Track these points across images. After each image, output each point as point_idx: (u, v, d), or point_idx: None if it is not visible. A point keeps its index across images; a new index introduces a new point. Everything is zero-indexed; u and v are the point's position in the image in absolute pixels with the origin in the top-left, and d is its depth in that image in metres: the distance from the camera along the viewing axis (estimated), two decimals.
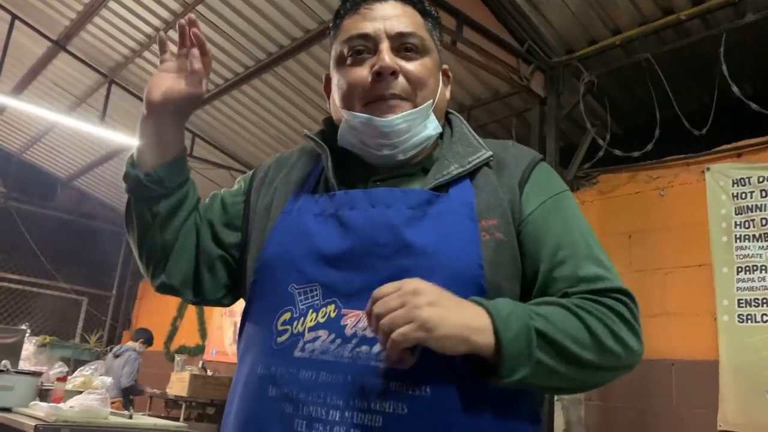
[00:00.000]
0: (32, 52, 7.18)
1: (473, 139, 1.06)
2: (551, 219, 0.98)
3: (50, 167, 10.06)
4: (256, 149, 7.48)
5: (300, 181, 1.08)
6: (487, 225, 0.94)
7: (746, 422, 3.79)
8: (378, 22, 1.02)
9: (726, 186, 4.18)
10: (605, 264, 0.97)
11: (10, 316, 9.67)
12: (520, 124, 5.40)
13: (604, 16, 4.45)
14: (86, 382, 3.80)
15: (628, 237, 4.62)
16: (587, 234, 1.00)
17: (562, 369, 0.85)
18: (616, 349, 0.88)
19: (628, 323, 0.90)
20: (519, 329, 0.82)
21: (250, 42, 5.83)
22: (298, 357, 0.90)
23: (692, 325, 4.17)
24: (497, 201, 0.97)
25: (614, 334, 0.88)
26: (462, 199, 0.96)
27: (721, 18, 4.14)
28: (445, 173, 0.99)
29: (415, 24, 1.04)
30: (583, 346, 0.86)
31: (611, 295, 0.91)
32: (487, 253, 0.92)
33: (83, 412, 3.14)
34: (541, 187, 1.01)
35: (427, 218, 0.94)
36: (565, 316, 0.86)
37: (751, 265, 3.98)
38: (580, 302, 0.89)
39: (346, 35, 1.03)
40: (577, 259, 0.94)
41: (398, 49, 1.01)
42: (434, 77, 1.05)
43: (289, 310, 0.94)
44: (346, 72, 1.03)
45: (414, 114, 1.00)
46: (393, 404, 0.84)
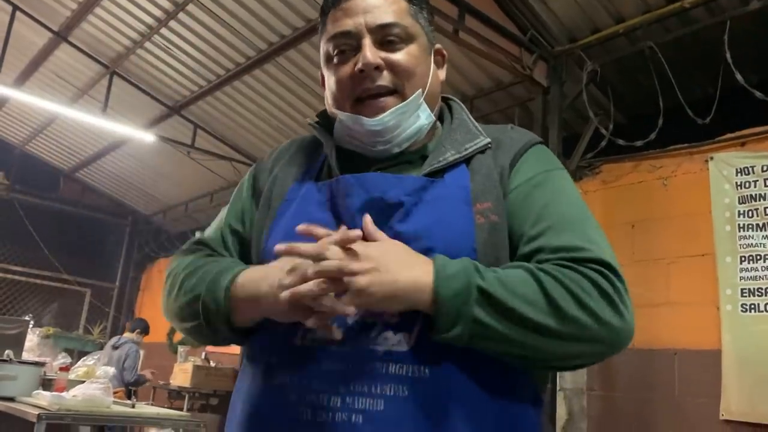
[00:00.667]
0: (34, 43, 7.16)
1: (472, 126, 1.06)
2: (537, 192, 0.97)
3: (53, 159, 10.06)
4: (257, 140, 7.47)
5: (302, 169, 1.08)
6: (482, 208, 0.94)
7: (749, 412, 3.79)
8: (359, 17, 1.01)
9: (729, 175, 4.16)
10: (592, 237, 0.92)
11: (13, 308, 9.70)
12: (522, 114, 5.38)
13: (607, 5, 4.42)
14: (89, 372, 3.82)
15: (632, 227, 4.61)
16: (577, 208, 0.97)
17: (507, 330, 0.83)
18: (580, 317, 0.83)
19: (604, 294, 0.85)
20: (459, 287, 0.82)
21: (251, 32, 5.81)
22: (298, 345, 0.91)
23: (695, 314, 4.16)
24: (492, 183, 0.97)
25: (580, 302, 0.83)
26: (458, 184, 0.97)
27: (726, 6, 4.11)
28: (441, 159, 0.99)
29: (397, 12, 1.02)
30: (535, 309, 0.82)
31: (589, 264, 0.87)
32: (481, 236, 0.92)
33: (86, 402, 3.16)
34: (531, 164, 1.00)
35: (422, 204, 0.94)
36: (523, 278, 0.84)
37: (754, 255, 3.97)
38: (548, 267, 0.86)
39: (330, 33, 1.03)
40: (558, 231, 0.92)
41: (381, 42, 1.00)
42: (423, 63, 1.04)
43: None
44: (334, 71, 1.03)
45: (402, 108, 1.00)
46: (393, 387, 0.85)
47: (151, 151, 8.13)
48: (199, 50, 6.34)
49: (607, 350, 0.87)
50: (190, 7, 5.77)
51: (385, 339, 0.87)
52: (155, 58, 6.75)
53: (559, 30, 4.75)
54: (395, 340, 0.87)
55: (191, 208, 9.36)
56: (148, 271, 11.00)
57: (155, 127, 7.66)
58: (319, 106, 6.11)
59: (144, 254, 10.78)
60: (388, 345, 0.87)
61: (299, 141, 1.17)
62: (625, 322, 0.86)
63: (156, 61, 6.78)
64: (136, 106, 7.60)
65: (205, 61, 6.46)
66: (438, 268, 0.84)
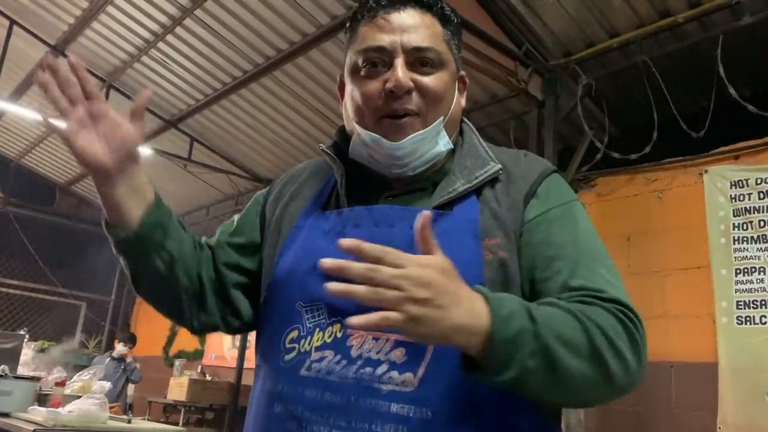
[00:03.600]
0: (30, 57, 7.18)
1: (482, 151, 1.04)
2: (553, 228, 0.94)
3: (49, 172, 10.05)
4: (254, 153, 7.48)
5: (312, 196, 1.07)
6: (490, 244, 0.92)
7: (745, 424, 3.79)
8: (395, 35, 0.99)
9: (724, 188, 4.19)
10: (610, 278, 0.90)
11: (9, 322, 9.65)
12: (518, 127, 5.41)
13: (601, 19, 4.46)
14: (85, 387, 3.79)
15: (627, 239, 4.63)
16: (593, 246, 0.95)
17: (550, 378, 0.79)
18: (616, 370, 0.81)
19: (632, 339, 0.83)
20: (516, 332, 0.78)
21: (249, 46, 5.84)
22: (304, 376, 0.91)
23: (691, 327, 4.17)
24: (501, 218, 0.94)
25: (618, 353, 0.81)
26: (466, 217, 0.95)
27: (718, 20, 4.15)
28: (451, 190, 0.97)
29: (432, 36, 1.01)
30: (579, 359, 0.79)
31: (617, 306, 0.84)
32: (489, 273, 0.90)
33: (82, 417, 3.14)
34: (546, 197, 0.98)
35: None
36: (567, 321, 0.81)
37: (749, 267, 3.99)
38: (584, 308, 0.83)
39: (362, 45, 1.01)
40: (577, 270, 0.89)
41: (414, 63, 0.99)
42: (450, 90, 1.03)
43: (296, 328, 0.95)
44: (360, 84, 1.01)
45: (423, 134, 0.99)
46: (394, 427, 0.84)
47: (147, 164, 8.01)
48: (195, 64, 6.36)
49: (624, 393, 0.86)
50: (187, 21, 5.81)
51: (390, 378, 0.86)
52: (152, 71, 6.77)
53: (553, 44, 4.79)
54: (399, 380, 0.86)
55: (187, 221, 9.35)
56: None
57: (152, 141, 7.67)
58: (317, 120, 6.14)
59: None
60: (393, 384, 0.86)
61: (312, 166, 1.15)
62: (642, 366, 0.85)
63: (153, 74, 6.81)
64: None
65: (202, 74, 6.48)
66: (494, 308, 0.78)
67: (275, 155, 7.42)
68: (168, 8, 5.76)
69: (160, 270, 1.01)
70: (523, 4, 4.55)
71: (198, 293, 1.05)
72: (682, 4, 4.15)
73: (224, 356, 8.24)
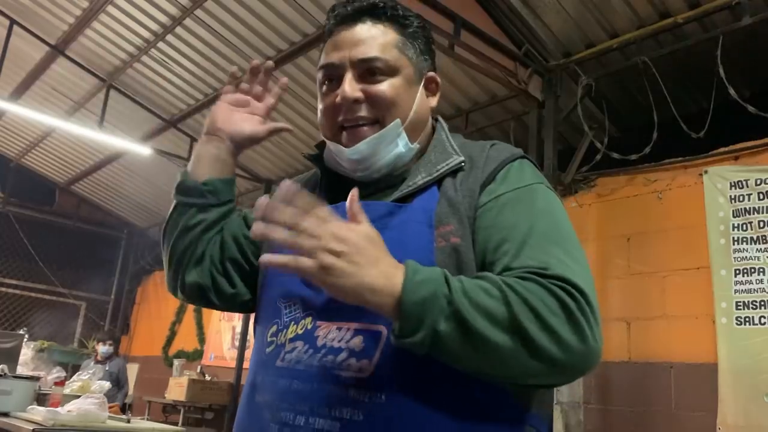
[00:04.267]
0: (31, 56, 7.18)
1: (448, 146, 1.07)
2: (504, 211, 0.94)
3: (49, 172, 10.05)
4: (254, 154, 7.48)
5: None
6: (444, 231, 0.95)
7: (745, 425, 3.79)
8: (344, 51, 1.05)
9: (724, 188, 4.19)
10: (563, 260, 0.87)
11: (8, 321, 9.65)
12: (518, 128, 5.41)
13: (601, 20, 4.46)
14: (84, 387, 3.79)
15: (627, 240, 4.63)
16: (548, 226, 0.93)
17: (466, 345, 0.80)
18: (541, 340, 0.79)
19: (571, 316, 0.81)
20: (426, 295, 0.79)
21: (249, 46, 5.84)
22: (278, 366, 0.96)
23: (691, 327, 4.17)
24: (456, 206, 0.97)
25: (543, 323, 0.79)
26: (424, 207, 0.98)
27: (718, 21, 4.15)
28: (411, 184, 1.01)
29: (383, 45, 1.05)
30: (497, 327, 0.79)
31: (556, 282, 0.83)
32: (440, 259, 0.92)
33: (81, 417, 3.14)
34: (503, 182, 0.98)
35: (387, 230, 0.94)
36: (488, 290, 0.81)
37: (749, 268, 3.99)
38: (513, 281, 0.83)
39: (321, 63, 1.09)
40: (525, 250, 0.88)
41: (363, 75, 1.04)
42: (406, 94, 1.06)
43: (276, 322, 1.01)
44: (322, 99, 1.08)
45: (377, 139, 1.03)
46: (350, 411, 0.88)
47: (147, 164, 8.14)
48: (195, 64, 6.36)
49: (567, 373, 0.84)
50: (187, 21, 5.81)
51: (349, 365, 0.90)
52: (152, 71, 6.78)
53: (553, 44, 4.79)
54: (356, 367, 0.89)
55: None
56: (143, 284, 10.96)
57: (151, 141, 7.67)
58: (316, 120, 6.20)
59: (139, 267, 10.75)
60: (351, 371, 0.89)
61: (310, 174, 1.23)
62: (587, 347, 0.81)
63: (153, 74, 6.81)
64: (133, 120, 7.61)
65: (202, 74, 6.49)
66: (408, 273, 0.82)
67: (275, 156, 7.42)
68: (168, 8, 5.77)
69: (190, 223, 1.15)
70: (523, 5, 4.55)
71: (198, 259, 1.15)
72: (682, 4, 4.16)
73: (224, 356, 8.24)
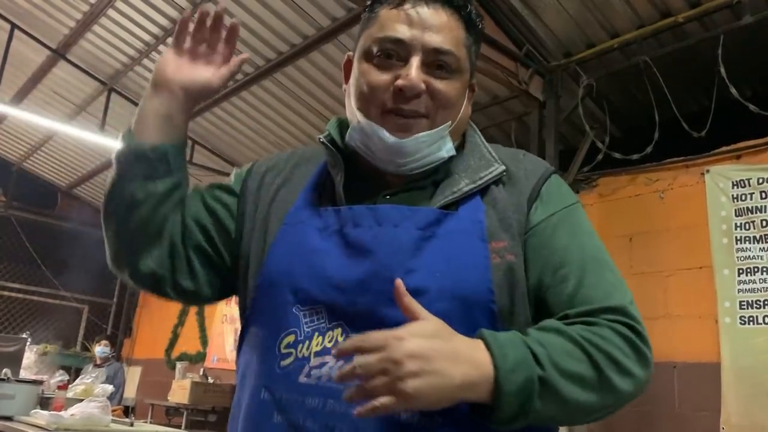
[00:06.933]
0: (32, 60, 7.19)
1: (486, 152, 1.01)
2: (557, 233, 0.94)
3: (50, 176, 10.06)
4: (255, 155, 7.48)
5: (303, 191, 1.02)
6: (498, 247, 0.90)
7: (749, 424, 3.78)
8: (417, 30, 0.94)
9: (726, 188, 4.18)
10: (612, 281, 0.92)
11: (11, 325, 9.66)
12: (519, 128, 5.41)
13: (602, 20, 4.46)
14: (87, 390, 3.79)
15: (629, 240, 4.62)
16: (596, 249, 0.95)
17: (561, 413, 0.82)
18: (625, 386, 0.83)
19: (638, 351, 0.86)
20: (522, 382, 0.77)
21: (249, 49, 5.84)
22: (303, 383, 0.87)
23: (694, 327, 4.16)
24: (507, 221, 0.93)
25: (624, 370, 0.83)
26: (472, 218, 0.92)
27: (719, 20, 4.15)
28: (455, 190, 0.94)
29: (455, 40, 0.96)
30: (588, 390, 0.81)
31: (621, 320, 0.86)
32: (497, 276, 0.88)
33: (84, 420, 3.14)
34: (550, 200, 0.97)
35: (436, 239, 0.90)
36: (571, 352, 0.81)
37: (752, 267, 3.98)
38: (589, 332, 0.84)
39: (380, 33, 0.96)
40: (581, 277, 0.90)
41: (430, 65, 0.94)
42: (461, 98, 1.00)
43: (293, 332, 0.90)
44: (370, 72, 0.96)
45: (428, 136, 0.95)
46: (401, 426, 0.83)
47: None
48: None
49: (638, 395, 0.88)
50: None
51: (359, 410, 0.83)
52: None
53: (554, 45, 4.79)
54: None
55: None
56: None
57: None
58: (318, 122, 6.13)
59: None
60: None
61: (299, 155, 1.09)
62: (650, 370, 0.88)
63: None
64: None
65: None
66: (498, 360, 0.77)
67: None
68: (169, 11, 5.77)
69: (136, 197, 0.99)
70: (524, 5, 4.55)
71: (150, 240, 1.01)
72: (683, 4, 4.15)
73: (226, 359, 8.24)
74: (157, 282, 1.03)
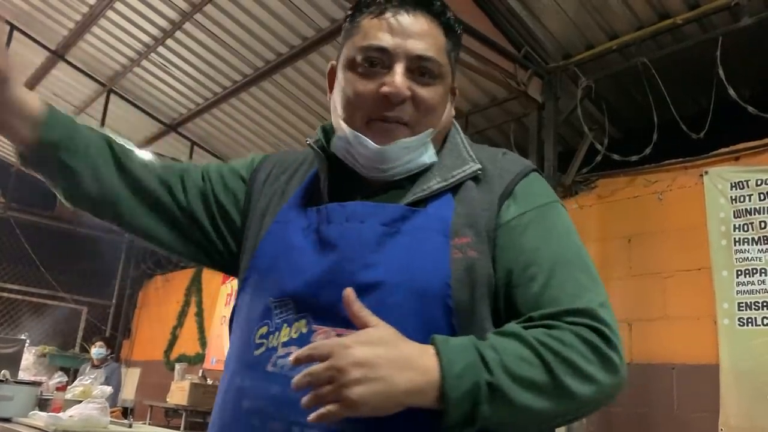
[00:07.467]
0: (31, 62, 7.18)
1: (464, 151, 1.02)
2: (528, 231, 0.93)
3: None
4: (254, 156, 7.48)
5: (296, 190, 1.07)
6: (460, 243, 0.91)
7: (748, 426, 3.78)
8: (400, 38, 0.96)
9: (724, 189, 4.19)
10: (584, 283, 0.89)
11: (10, 326, 9.65)
12: (518, 130, 5.41)
13: (600, 21, 4.47)
14: (86, 392, 3.79)
15: (628, 241, 4.62)
16: (569, 248, 0.94)
17: (513, 418, 0.80)
18: (585, 391, 0.81)
19: (600, 354, 0.83)
20: (469, 388, 0.77)
21: (248, 50, 5.85)
22: (270, 371, 0.91)
23: (693, 328, 4.16)
24: (474, 218, 0.93)
25: (583, 374, 0.81)
26: (438, 215, 0.94)
27: (718, 22, 4.15)
28: (425, 188, 0.96)
29: (436, 46, 0.99)
30: (542, 395, 0.79)
31: (586, 322, 0.84)
32: (456, 271, 0.88)
33: (83, 422, 3.14)
34: (523, 199, 0.96)
35: (400, 234, 0.92)
36: (526, 358, 0.80)
37: (750, 269, 3.98)
38: (547, 336, 0.82)
39: (364, 42, 0.98)
40: (549, 277, 0.88)
41: (413, 71, 0.97)
42: (444, 103, 1.02)
43: (266, 323, 0.95)
44: (354, 81, 0.98)
45: (410, 143, 0.97)
46: (349, 425, 0.83)
47: None
48: (195, 68, 6.37)
49: (602, 406, 0.86)
50: (187, 25, 5.81)
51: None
52: (152, 76, 6.78)
53: (553, 46, 4.79)
54: None
55: None
56: (144, 288, 10.96)
57: (152, 145, 7.68)
58: (316, 123, 6.14)
59: (141, 271, 10.75)
60: None
61: (307, 154, 1.13)
62: (619, 377, 0.85)
63: (153, 79, 6.81)
64: (133, 124, 7.62)
65: (202, 78, 6.49)
66: (445, 366, 0.78)
67: None
68: (168, 12, 5.77)
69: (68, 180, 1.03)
70: (522, 7, 4.56)
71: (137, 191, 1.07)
72: (682, 5, 4.16)
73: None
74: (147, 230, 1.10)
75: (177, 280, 9.87)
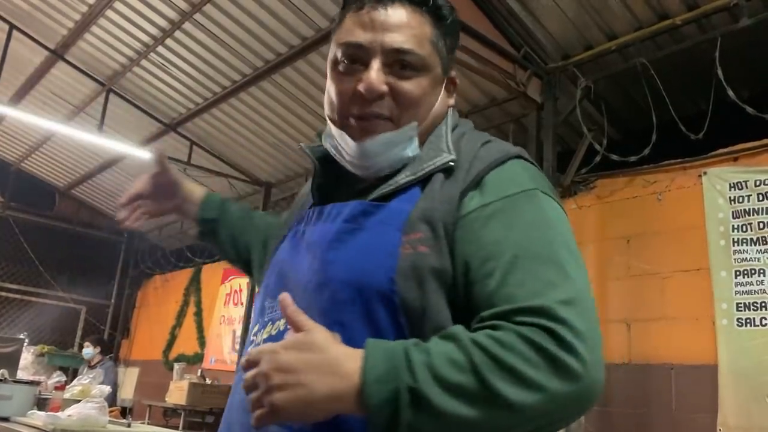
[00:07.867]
0: (30, 61, 7.19)
1: (443, 142, 0.97)
2: (490, 223, 0.86)
3: (48, 176, 10.05)
4: (254, 156, 7.49)
5: (303, 197, 1.14)
6: (412, 238, 0.87)
7: (746, 426, 3.79)
8: (377, 33, 0.95)
9: (723, 190, 4.19)
10: (550, 279, 0.80)
11: (8, 326, 9.65)
12: (517, 130, 5.41)
13: (600, 22, 4.47)
14: (84, 391, 3.79)
15: (627, 241, 4.63)
16: (537, 240, 0.85)
17: (444, 427, 0.74)
18: (518, 398, 0.72)
19: (554, 360, 0.73)
20: (388, 394, 0.73)
21: (248, 50, 5.85)
22: None
23: (691, 329, 4.17)
24: (430, 212, 0.89)
25: (522, 378, 0.72)
26: (399, 209, 0.90)
27: (717, 23, 4.16)
28: (392, 183, 0.94)
29: (417, 38, 0.96)
30: (472, 404, 0.72)
31: (534, 321, 0.76)
32: (403, 267, 0.85)
33: (81, 421, 3.14)
34: (491, 189, 0.90)
35: (361, 231, 0.91)
36: (456, 362, 0.74)
37: (749, 269, 3.99)
38: (486, 336, 0.75)
39: (343, 39, 0.97)
40: (506, 272, 0.81)
41: (392, 65, 0.95)
42: (430, 95, 0.99)
43: (258, 322, 1.01)
44: (336, 79, 0.98)
45: (391, 137, 0.95)
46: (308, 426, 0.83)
47: (147, 168, 8.11)
48: (195, 68, 6.37)
49: (567, 416, 0.77)
50: (187, 25, 5.82)
51: None
52: (151, 75, 6.78)
53: (552, 47, 4.80)
54: None
55: (187, 225, 9.34)
56: (143, 288, 10.96)
57: (151, 144, 7.67)
58: (316, 123, 6.15)
59: (139, 271, 10.75)
60: None
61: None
62: (580, 384, 0.74)
63: (152, 78, 6.81)
64: (132, 124, 7.62)
65: (202, 78, 6.49)
66: (366, 370, 0.74)
67: (275, 159, 7.42)
68: (168, 12, 5.77)
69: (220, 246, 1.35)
70: (522, 7, 4.56)
71: None
72: (680, 6, 4.16)
73: (224, 360, 8.23)
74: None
75: (176, 280, 9.87)
